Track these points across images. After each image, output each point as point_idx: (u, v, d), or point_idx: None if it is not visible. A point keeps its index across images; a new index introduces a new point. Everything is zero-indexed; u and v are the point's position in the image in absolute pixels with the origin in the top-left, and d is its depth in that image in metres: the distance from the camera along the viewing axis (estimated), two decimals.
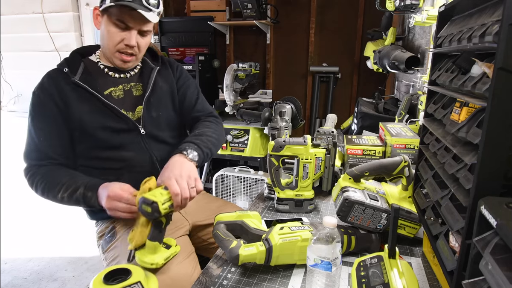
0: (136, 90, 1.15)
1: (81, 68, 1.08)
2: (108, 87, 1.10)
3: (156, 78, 1.17)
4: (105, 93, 1.09)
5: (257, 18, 2.78)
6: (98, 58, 1.15)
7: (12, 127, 3.37)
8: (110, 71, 1.13)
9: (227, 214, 0.84)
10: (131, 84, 1.14)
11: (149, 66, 1.19)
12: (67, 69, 1.06)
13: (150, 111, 1.13)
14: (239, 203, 2.34)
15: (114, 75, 1.13)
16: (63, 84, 1.05)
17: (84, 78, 1.06)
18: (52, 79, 1.06)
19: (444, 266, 0.55)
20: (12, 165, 3.22)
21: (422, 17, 1.32)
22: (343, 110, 2.95)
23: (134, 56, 1.10)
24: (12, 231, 2.56)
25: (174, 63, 1.28)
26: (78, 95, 1.04)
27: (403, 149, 1.14)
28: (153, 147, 1.13)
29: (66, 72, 1.05)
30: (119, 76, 1.14)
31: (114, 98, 1.10)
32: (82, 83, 1.04)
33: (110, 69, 1.13)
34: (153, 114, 1.14)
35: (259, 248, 0.75)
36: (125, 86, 1.14)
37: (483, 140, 0.45)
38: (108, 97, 1.08)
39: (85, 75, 1.07)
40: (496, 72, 0.42)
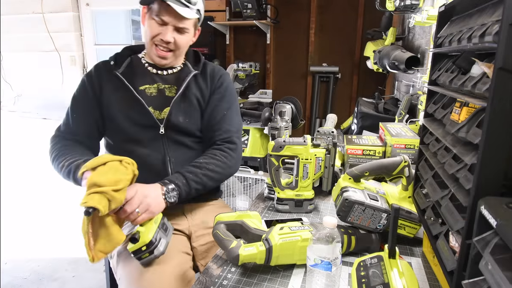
0: (169, 91, 1.17)
1: (126, 63, 1.16)
2: (144, 83, 1.15)
3: (189, 83, 1.17)
4: (140, 88, 1.14)
5: (257, 18, 2.78)
6: (143, 54, 1.21)
7: (12, 127, 3.37)
8: (150, 66, 1.18)
9: (227, 214, 0.84)
10: (165, 86, 1.17)
11: (188, 70, 1.20)
12: (113, 62, 1.15)
13: (177, 115, 1.14)
14: (239, 203, 2.34)
15: (152, 70, 1.18)
16: (105, 74, 1.15)
17: (125, 72, 1.14)
18: (98, 69, 1.17)
19: (444, 266, 0.55)
20: (12, 165, 3.22)
21: (422, 17, 1.32)
22: (343, 110, 2.95)
23: (171, 52, 1.13)
24: (12, 231, 2.56)
25: (219, 73, 1.24)
26: (115, 85, 1.13)
27: (403, 149, 1.14)
28: (170, 147, 1.14)
29: (112, 65, 1.14)
30: (156, 72, 1.18)
31: (147, 94, 1.14)
32: (121, 76, 1.12)
33: (150, 65, 1.18)
34: (179, 119, 1.14)
35: (259, 248, 0.75)
36: (160, 85, 1.17)
37: (483, 140, 0.45)
38: (141, 93, 1.13)
39: (127, 69, 1.15)
40: (496, 72, 0.42)
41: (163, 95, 1.16)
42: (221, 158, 1.12)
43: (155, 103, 1.14)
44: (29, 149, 3.12)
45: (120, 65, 1.15)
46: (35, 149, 2.40)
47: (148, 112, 1.11)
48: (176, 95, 1.13)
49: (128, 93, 1.11)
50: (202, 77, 1.21)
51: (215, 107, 1.20)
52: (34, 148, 2.68)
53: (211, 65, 1.26)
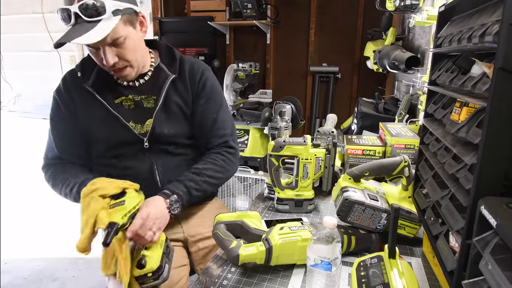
0: (147, 102, 1.07)
1: (95, 73, 1.04)
2: (120, 95, 1.05)
3: (168, 90, 1.06)
4: (116, 101, 1.04)
5: (257, 18, 2.78)
6: None
7: (12, 127, 3.37)
8: (119, 80, 1.06)
9: (227, 214, 0.84)
10: (142, 97, 1.06)
11: (164, 74, 1.07)
12: (80, 73, 1.04)
13: (161, 127, 1.06)
14: (239, 203, 2.34)
15: (123, 83, 1.06)
16: (75, 88, 1.04)
17: (96, 84, 1.03)
18: (65, 83, 1.07)
19: (444, 266, 0.55)
20: (12, 165, 3.22)
21: (422, 17, 1.32)
22: (343, 110, 2.95)
23: (127, 67, 0.99)
24: (12, 231, 2.55)
25: (199, 71, 1.11)
26: (88, 101, 1.02)
27: (403, 149, 1.14)
28: (156, 157, 1.07)
29: (79, 77, 1.04)
30: (127, 85, 1.06)
31: (125, 108, 1.05)
32: (92, 90, 1.01)
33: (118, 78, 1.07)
34: (163, 131, 1.06)
35: (259, 248, 0.75)
36: (135, 97, 1.06)
37: (483, 140, 0.45)
38: (119, 107, 1.04)
39: (98, 80, 1.04)
40: (496, 72, 0.42)
41: (142, 107, 1.06)
42: (221, 163, 1.08)
43: (135, 117, 1.05)
44: (29, 149, 3.12)
45: (88, 76, 1.03)
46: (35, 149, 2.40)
47: (129, 128, 1.03)
48: (157, 107, 1.04)
49: (103, 109, 1.02)
50: (181, 80, 1.08)
51: (203, 112, 1.10)
52: (34, 147, 2.68)
53: (188, 62, 1.11)
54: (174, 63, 1.09)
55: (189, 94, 1.09)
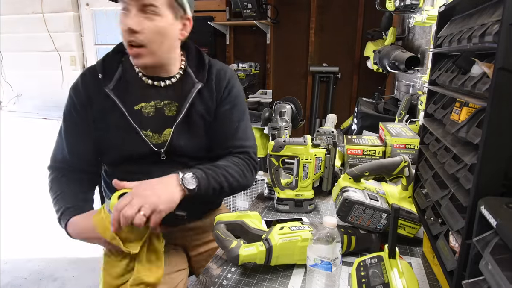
0: (168, 110, 0.99)
1: (118, 74, 0.97)
2: (140, 101, 0.97)
3: (194, 99, 0.98)
4: (135, 108, 0.97)
5: (257, 18, 2.78)
6: None
7: (12, 127, 3.37)
8: (144, 77, 0.99)
9: (227, 214, 0.84)
10: (164, 102, 0.99)
11: (190, 81, 1.00)
12: (102, 75, 0.96)
13: (179, 139, 0.98)
14: (239, 203, 2.34)
15: (147, 81, 0.98)
16: (94, 90, 0.96)
17: (117, 88, 0.95)
18: (85, 82, 0.98)
19: (444, 266, 0.55)
20: (12, 165, 3.22)
21: (422, 17, 1.32)
22: (343, 110, 2.96)
23: (143, 47, 0.89)
24: (12, 231, 2.56)
25: (225, 78, 1.03)
26: (106, 105, 0.95)
27: (403, 149, 1.14)
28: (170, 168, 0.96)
29: (100, 78, 0.95)
30: (152, 84, 0.99)
31: (144, 115, 0.97)
32: (113, 96, 0.94)
33: (143, 75, 0.99)
34: (181, 142, 0.98)
35: (259, 248, 0.75)
36: (158, 103, 0.98)
37: (483, 141, 0.45)
38: (137, 114, 0.96)
39: (120, 83, 0.96)
40: (496, 72, 0.42)
41: (162, 115, 0.98)
42: (241, 167, 0.99)
43: (153, 125, 0.97)
44: (29, 149, 3.12)
45: (110, 78, 0.96)
46: (35, 148, 2.40)
47: (145, 141, 0.96)
48: (180, 117, 0.96)
49: (121, 117, 0.94)
50: (207, 88, 1.01)
51: (224, 119, 1.02)
52: (34, 147, 2.68)
53: (216, 66, 1.04)
54: (202, 69, 1.02)
55: (214, 102, 1.02)
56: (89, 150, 0.99)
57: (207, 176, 0.89)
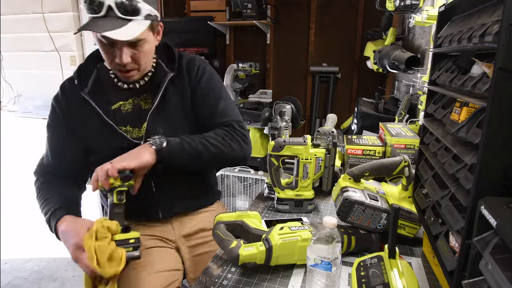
0: (145, 103, 1.04)
1: (93, 78, 1.02)
2: (118, 100, 1.03)
3: (166, 88, 1.02)
4: (113, 107, 1.02)
5: (257, 18, 2.78)
6: None
7: (12, 127, 3.36)
8: (119, 82, 1.04)
9: (227, 214, 0.84)
10: (141, 97, 1.05)
11: (162, 72, 1.05)
12: (77, 80, 1.01)
13: (155, 128, 1.01)
14: (239, 203, 2.34)
15: (123, 86, 1.04)
16: (72, 96, 1.01)
17: (93, 90, 1.01)
18: (64, 91, 1.04)
19: (444, 266, 0.55)
20: (12, 165, 3.22)
21: (422, 17, 1.32)
22: (343, 110, 2.95)
23: (135, 70, 0.98)
24: (12, 231, 2.56)
25: (195, 65, 1.07)
26: (86, 110, 1.00)
27: (403, 149, 1.14)
28: None
29: (77, 84, 1.01)
30: (128, 87, 1.04)
31: (123, 112, 1.03)
32: (89, 98, 0.99)
33: (119, 80, 1.04)
34: (159, 131, 1.00)
35: (259, 248, 0.75)
36: (135, 100, 1.04)
37: (483, 140, 0.45)
38: (116, 112, 1.02)
39: (95, 86, 1.02)
40: (496, 72, 0.42)
41: (139, 109, 1.03)
42: (223, 136, 1.01)
43: (132, 121, 1.02)
44: (29, 149, 3.12)
45: (86, 83, 1.01)
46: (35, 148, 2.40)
47: (123, 136, 0.99)
48: (153, 107, 1.00)
49: (98, 118, 0.99)
50: (179, 77, 1.05)
51: (202, 104, 1.05)
52: (34, 147, 2.68)
53: (186, 57, 1.08)
54: (172, 59, 1.07)
55: (187, 88, 1.05)
56: (72, 156, 1.02)
57: (181, 140, 0.95)
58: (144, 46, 0.96)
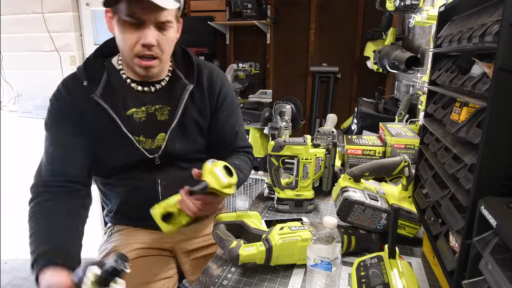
0: (160, 115, 0.98)
1: (104, 79, 0.93)
2: (130, 107, 0.95)
3: (187, 103, 0.97)
4: (127, 114, 0.94)
5: (257, 18, 2.78)
6: (120, 65, 0.98)
7: (12, 128, 3.37)
8: (133, 83, 0.96)
9: (227, 214, 0.84)
10: (155, 107, 0.97)
11: (181, 83, 0.98)
12: (86, 82, 0.91)
13: (174, 143, 0.98)
14: (239, 203, 2.34)
15: (137, 87, 0.96)
16: (80, 99, 0.91)
17: (106, 94, 0.92)
18: (68, 90, 0.93)
19: (444, 266, 0.55)
20: (12, 165, 3.22)
21: (422, 17, 1.32)
22: (343, 110, 2.95)
23: (157, 59, 0.90)
24: (12, 231, 2.55)
25: (218, 81, 1.03)
26: (97, 114, 0.91)
27: (403, 149, 1.14)
28: (162, 173, 1.00)
29: (86, 86, 0.91)
30: (142, 90, 0.97)
31: (135, 121, 0.95)
32: (103, 103, 0.90)
33: (133, 81, 0.97)
34: (176, 146, 0.98)
35: (259, 248, 0.75)
36: (149, 108, 0.96)
37: (483, 140, 0.45)
38: (129, 119, 0.94)
39: (107, 88, 0.93)
40: (496, 72, 0.42)
41: (154, 120, 0.97)
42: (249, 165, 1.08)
43: (146, 131, 0.96)
44: (29, 149, 3.12)
45: (96, 84, 0.91)
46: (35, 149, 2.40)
47: (138, 149, 0.94)
48: (174, 123, 0.95)
49: (113, 124, 0.91)
50: (198, 91, 1.00)
51: (224, 126, 1.05)
52: (34, 148, 2.68)
53: (206, 69, 1.03)
54: (191, 70, 1.00)
55: (207, 106, 1.02)
56: (77, 161, 0.93)
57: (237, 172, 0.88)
58: (169, 31, 0.90)
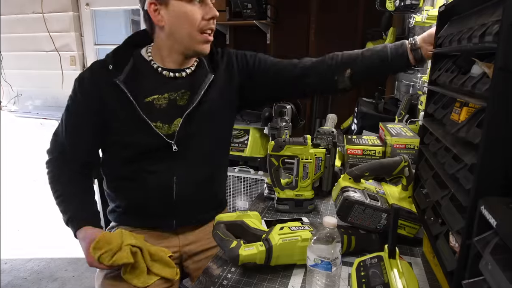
0: (181, 99, 0.99)
1: (129, 66, 0.97)
2: (153, 93, 0.97)
3: (208, 88, 0.99)
4: (146, 100, 0.96)
5: (257, 18, 2.78)
6: (150, 56, 1.00)
7: (12, 127, 3.36)
8: (164, 71, 0.99)
9: (227, 214, 0.84)
10: (178, 93, 0.99)
11: (204, 70, 1.02)
12: (112, 66, 0.95)
13: (190, 125, 0.98)
14: (239, 203, 2.34)
15: (169, 74, 0.99)
16: (103, 83, 0.94)
17: (129, 79, 0.95)
18: (93, 73, 0.97)
19: (444, 266, 0.55)
20: (12, 165, 3.22)
21: (422, 17, 1.32)
22: (343, 110, 2.95)
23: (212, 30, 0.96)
24: (12, 231, 2.56)
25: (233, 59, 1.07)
26: (118, 99, 0.94)
27: (403, 149, 1.14)
28: (180, 167, 0.99)
29: (111, 70, 0.94)
30: (174, 76, 0.99)
31: (156, 107, 0.97)
32: (123, 87, 0.93)
33: (164, 69, 0.99)
34: (192, 128, 0.98)
35: (259, 248, 0.75)
36: (171, 95, 0.98)
37: (483, 140, 0.45)
38: (149, 106, 0.96)
39: (131, 74, 0.96)
40: (496, 72, 0.42)
41: (174, 105, 0.98)
42: None
43: (163, 117, 0.97)
44: (29, 149, 3.12)
45: (121, 69, 0.95)
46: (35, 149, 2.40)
47: (156, 133, 0.95)
48: (192, 106, 0.96)
49: (131, 109, 0.93)
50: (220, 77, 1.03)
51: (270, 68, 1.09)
52: (34, 148, 2.68)
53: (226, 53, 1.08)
54: (213, 57, 1.05)
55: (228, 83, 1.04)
56: (90, 140, 1.00)
57: None
58: None
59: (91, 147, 1.03)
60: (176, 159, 0.99)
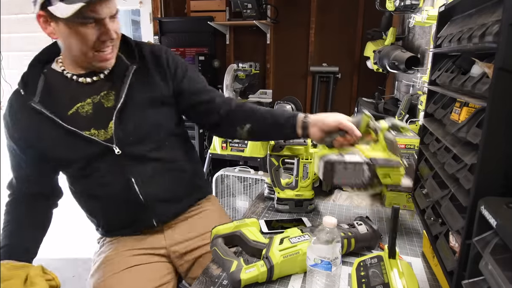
0: (107, 101, 0.94)
1: (41, 84, 0.92)
2: (74, 103, 0.92)
3: (131, 82, 0.94)
4: (69, 113, 0.91)
5: (257, 18, 2.78)
6: (62, 66, 0.94)
7: None
8: (80, 78, 0.93)
9: (224, 226, 0.82)
10: (101, 95, 0.94)
11: (123, 64, 0.96)
12: (23, 90, 0.91)
13: (125, 124, 0.93)
14: (239, 203, 2.34)
15: (86, 80, 0.94)
16: (21, 110, 0.91)
17: (44, 98, 0.90)
18: (11, 106, 0.94)
19: (444, 266, 0.55)
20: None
21: (422, 17, 1.32)
22: (343, 110, 2.94)
23: (114, 49, 0.91)
24: None
25: (161, 54, 1.00)
26: (38, 123, 0.90)
27: (403, 149, 1.14)
28: (132, 168, 0.95)
29: (23, 95, 0.90)
30: (92, 81, 0.94)
31: (82, 115, 0.92)
32: (40, 108, 0.88)
33: (79, 76, 0.94)
34: (128, 127, 0.93)
35: (261, 269, 0.72)
36: (94, 98, 0.93)
37: (483, 140, 0.45)
38: (74, 117, 0.91)
39: (45, 93, 0.91)
40: (496, 72, 0.42)
41: (102, 108, 0.93)
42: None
43: (96, 122, 0.92)
44: None
45: (33, 91, 0.90)
46: None
47: (91, 139, 0.90)
48: (120, 104, 0.91)
49: (56, 127, 0.89)
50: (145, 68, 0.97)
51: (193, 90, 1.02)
52: None
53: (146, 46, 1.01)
54: (131, 50, 0.98)
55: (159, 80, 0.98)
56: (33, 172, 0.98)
57: None
58: (117, 19, 0.89)
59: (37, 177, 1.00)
60: (124, 161, 0.94)
